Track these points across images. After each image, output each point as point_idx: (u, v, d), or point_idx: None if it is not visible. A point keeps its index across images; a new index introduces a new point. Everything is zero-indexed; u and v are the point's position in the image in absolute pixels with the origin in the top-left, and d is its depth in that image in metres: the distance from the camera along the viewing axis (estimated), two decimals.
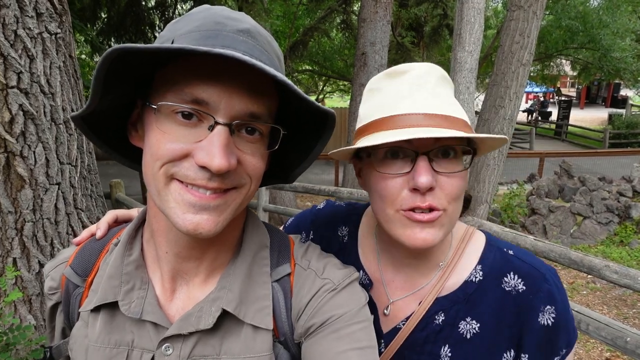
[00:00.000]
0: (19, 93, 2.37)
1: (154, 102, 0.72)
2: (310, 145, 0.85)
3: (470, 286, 1.02)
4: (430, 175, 0.88)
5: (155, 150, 0.71)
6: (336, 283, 0.86)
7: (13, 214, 2.45)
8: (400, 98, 0.93)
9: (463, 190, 0.95)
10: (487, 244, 1.07)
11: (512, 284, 0.99)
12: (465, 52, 4.46)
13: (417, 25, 14.11)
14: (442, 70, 0.98)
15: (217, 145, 0.67)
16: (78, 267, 0.91)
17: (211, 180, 0.70)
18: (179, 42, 0.69)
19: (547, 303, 0.96)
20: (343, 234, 1.21)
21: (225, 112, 0.69)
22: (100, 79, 0.65)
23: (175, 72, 0.70)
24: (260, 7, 6.79)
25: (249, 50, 0.70)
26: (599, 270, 2.62)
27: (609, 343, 2.53)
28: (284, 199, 8.68)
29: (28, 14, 2.37)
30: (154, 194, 0.75)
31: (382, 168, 0.94)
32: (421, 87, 0.93)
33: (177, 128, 0.70)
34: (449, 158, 0.92)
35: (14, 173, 2.42)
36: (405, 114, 0.91)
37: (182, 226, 0.71)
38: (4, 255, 2.48)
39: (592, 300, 6.05)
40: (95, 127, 0.80)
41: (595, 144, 20.58)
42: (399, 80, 0.96)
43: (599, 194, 8.76)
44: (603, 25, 14.22)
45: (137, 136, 0.82)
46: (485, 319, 1.00)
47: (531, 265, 1.01)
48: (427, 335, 1.03)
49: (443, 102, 0.92)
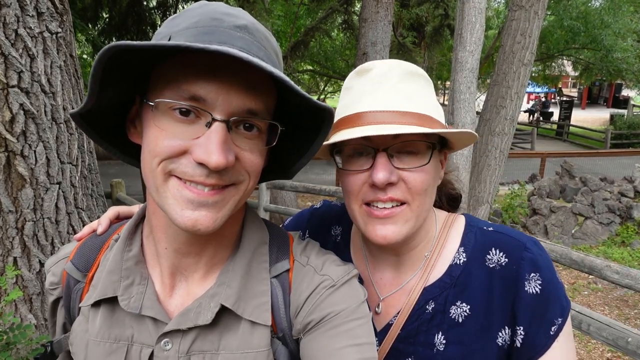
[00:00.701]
0: (19, 92, 2.37)
1: (151, 99, 0.72)
2: (309, 141, 0.85)
3: (456, 269, 1.03)
4: (386, 171, 0.90)
5: (153, 146, 0.71)
6: (335, 280, 0.86)
7: (14, 213, 2.45)
8: (362, 96, 0.95)
9: (430, 184, 0.97)
10: (467, 225, 1.09)
11: (495, 259, 1.00)
12: (466, 52, 4.45)
13: (418, 26, 14.09)
14: (411, 66, 0.99)
15: (214, 142, 0.67)
16: (79, 263, 0.91)
17: (209, 176, 0.70)
18: (176, 39, 0.69)
19: (531, 271, 0.96)
20: (336, 234, 1.22)
21: (223, 109, 0.69)
22: (96, 76, 0.65)
23: (173, 68, 0.70)
24: (261, 7, 6.79)
25: (246, 47, 0.70)
26: (600, 270, 2.62)
27: (610, 343, 2.52)
28: (285, 198, 8.67)
29: (29, 13, 2.37)
30: (152, 191, 0.75)
31: (347, 165, 0.98)
32: (382, 84, 0.95)
33: (174, 125, 0.70)
34: (411, 153, 0.94)
35: (15, 172, 2.42)
36: (364, 111, 0.93)
37: (181, 222, 0.72)
38: (4, 254, 2.48)
39: (594, 301, 6.04)
40: (94, 124, 0.80)
41: (597, 144, 20.54)
42: (365, 78, 0.97)
43: (601, 194, 8.75)
44: (605, 25, 14.20)
45: (135, 133, 0.82)
46: (475, 301, 1.00)
47: (510, 236, 1.02)
48: (419, 326, 1.03)
49: (404, 98, 0.93)
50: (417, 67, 1.00)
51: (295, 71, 12.64)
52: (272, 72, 0.63)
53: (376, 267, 1.12)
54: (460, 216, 1.12)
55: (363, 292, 0.89)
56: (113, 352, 0.82)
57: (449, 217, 1.11)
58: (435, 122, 0.95)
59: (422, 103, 0.95)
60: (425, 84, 1.00)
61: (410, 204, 0.94)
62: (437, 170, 1.02)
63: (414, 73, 0.98)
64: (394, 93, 0.93)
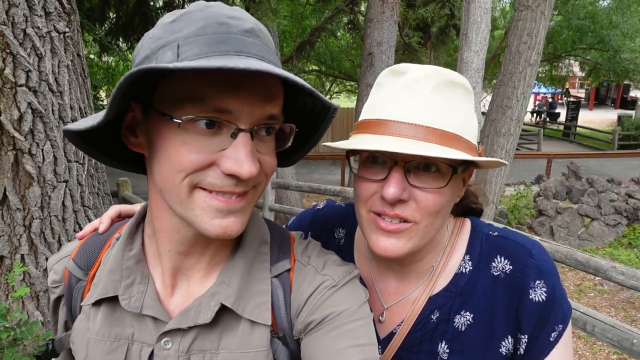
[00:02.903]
0: (27, 91, 2.39)
1: (171, 113, 0.69)
2: (310, 132, 0.86)
3: (461, 278, 1.01)
4: (398, 188, 0.86)
5: (176, 161, 0.70)
6: (336, 280, 0.85)
7: (21, 210, 2.47)
8: (391, 100, 0.90)
9: (443, 206, 0.90)
10: (473, 230, 1.06)
11: (500, 266, 0.99)
12: (471, 52, 4.44)
13: (424, 26, 14.05)
14: (449, 74, 0.91)
15: (243, 153, 0.68)
16: (80, 261, 0.91)
17: (238, 185, 0.71)
18: (187, 48, 0.67)
19: (536, 278, 0.95)
20: (340, 236, 1.18)
21: (247, 119, 0.69)
22: (117, 97, 0.63)
23: (187, 80, 0.68)
24: (267, 7, 6.80)
25: (260, 53, 0.70)
26: (606, 271, 2.61)
27: (616, 345, 2.51)
28: (290, 198, 8.68)
29: (37, 13, 2.39)
30: (174, 203, 0.74)
31: (362, 170, 0.94)
32: (414, 92, 0.88)
33: (198, 138, 0.69)
34: (430, 172, 0.88)
35: (23, 170, 2.45)
36: (389, 120, 0.87)
37: (212, 232, 0.72)
38: (12, 251, 2.50)
39: (599, 303, 6.00)
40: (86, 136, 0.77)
41: (604, 145, 20.40)
42: (398, 81, 0.91)
43: (607, 195, 8.69)
44: (613, 25, 14.11)
45: (136, 142, 0.79)
46: (479, 309, 0.99)
47: (515, 242, 1.00)
48: (422, 335, 1.02)
49: (434, 112, 0.86)
50: (456, 75, 0.92)
51: (301, 71, 12.64)
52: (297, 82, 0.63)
53: (380, 275, 1.10)
54: (466, 220, 1.09)
55: (364, 292, 0.89)
56: (113, 350, 0.82)
57: (457, 223, 1.08)
58: (464, 142, 0.88)
59: (452, 119, 0.87)
60: (463, 95, 0.91)
61: (418, 223, 0.89)
62: (455, 190, 0.95)
63: (451, 82, 0.90)
64: (424, 105, 0.86)
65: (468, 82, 0.94)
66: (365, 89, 7.68)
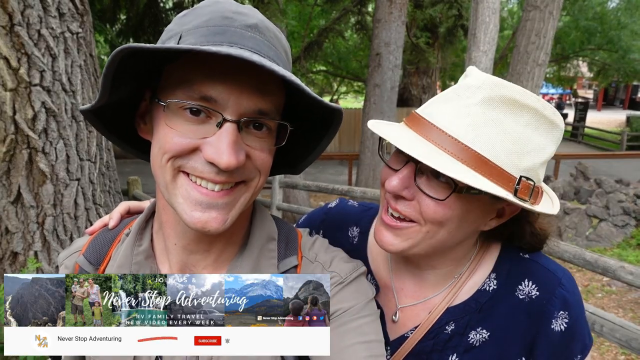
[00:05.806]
0: (41, 91, 2.44)
1: (163, 98, 0.73)
2: (318, 137, 0.86)
3: (484, 295, 1.00)
4: (400, 183, 0.86)
5: (163, 143, 0.72)
6: (343, 276, 0.86)
7: (35, 208, 2.52)
8: (437, 99, 0.90)
9: (448, 220, 0.87)
10: (503, 249, 1.03)
11: (526, 290, 0.97)
12: (479, 51, 4.45)
13: (432, 26, 14.04)
14: (517, 93, 0.82)
15: (225, 142, 0.68)
16: (91, 256, 0.93)
17: (219, 174, 0.71)
18: (187, 38, 0.70)
19: (561, 309, 0.93)
20: (353, 235, 1.18)
21: (234, 110, 0.70)
22: (108, 76, 0.67)
23: (184, 67, 0.71)
24: (276, 8, 6.83)
25: (257, 47, 0.71)
26: (614, 271, 2.60)
27: (624, 345, 2.50)
28: (298, 197, 8.69)
29: (51, 14, 2.43)
30: (162, 187, 0.76)
31: (391, 157, 0.94)
32: (460, 98, 0.85)
33: (185, 123, 0.71)
34: (440, 181, 0.85)
35: (36, 168, 2.49)
36: (425, 119, 0.86)
37: (191, 223, 0.73)
38: (25, 248, 2.54)
39: (608, 304, 5.97)
40: (105, 119, 0.82)
41: (613, 146, 20.23)
42: (459, 82, 0.90)
43: (616, 196, 8.63)
44: (621, 26, 14.04)
45: (145, 129, 0.83)
46: (496, 328, 0.98)
47: (547, 269, 0.98)
48: (434, 344, 1.01)
49: (470, 126, 0.81)
50: (528, 97, 0.82)
51: (308, 72, 12.67)
52: (283, 75, 0.64)
53: (399, 274, 1.09)
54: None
55: (371, 289, 0.90)
56: None
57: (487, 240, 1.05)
58: (492, 168, 0.81)
59: (488, 140, 0.81)
60: (528, 120, 0.83)
61: (422, 225, 0.88)
62: (471, 214, 0.89)
63: (511, 101, 0.82)
64: (459, 114, 0.82)
65: (550, 111, 0.84)
66: (373, 89, 7.68)
